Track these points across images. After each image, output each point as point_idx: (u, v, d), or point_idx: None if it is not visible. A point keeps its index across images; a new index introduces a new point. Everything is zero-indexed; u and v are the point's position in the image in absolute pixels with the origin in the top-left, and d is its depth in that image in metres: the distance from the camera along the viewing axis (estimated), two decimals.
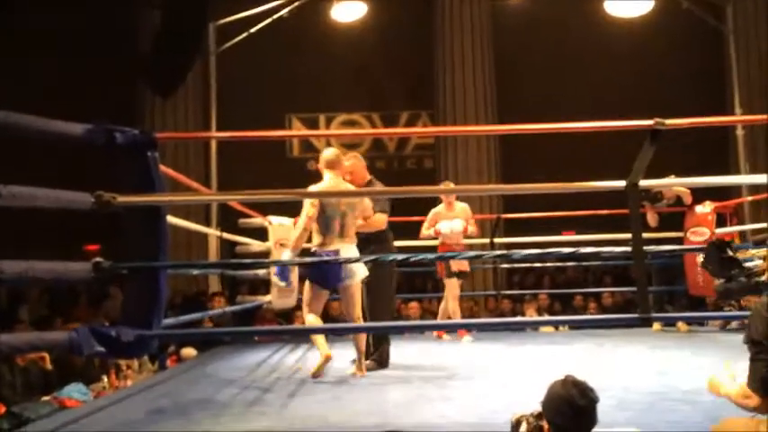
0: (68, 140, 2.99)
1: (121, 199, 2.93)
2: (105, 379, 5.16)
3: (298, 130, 11.81)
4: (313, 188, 4.22)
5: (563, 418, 2.19)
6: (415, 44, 11.34)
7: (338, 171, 4.28)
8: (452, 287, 6.23)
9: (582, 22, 10.36)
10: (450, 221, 6.14)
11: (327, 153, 4.33)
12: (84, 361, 5.06)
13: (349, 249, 4.19)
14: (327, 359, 4.20)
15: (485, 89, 10.61)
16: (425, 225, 6.28)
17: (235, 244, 6.24)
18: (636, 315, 3.16)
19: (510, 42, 10.97)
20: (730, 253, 2.11)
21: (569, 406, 2.17)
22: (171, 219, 4.09)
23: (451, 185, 6.47)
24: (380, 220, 4.54)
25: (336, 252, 4.12)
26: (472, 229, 6.28)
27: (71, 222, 4.89)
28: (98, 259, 2.93)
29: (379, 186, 4.71)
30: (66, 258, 3.07)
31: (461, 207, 6.23)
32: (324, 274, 4.23)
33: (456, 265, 6.07)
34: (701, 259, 3.67)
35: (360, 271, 4.21)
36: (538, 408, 2.27)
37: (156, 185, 3.12)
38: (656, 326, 5.92)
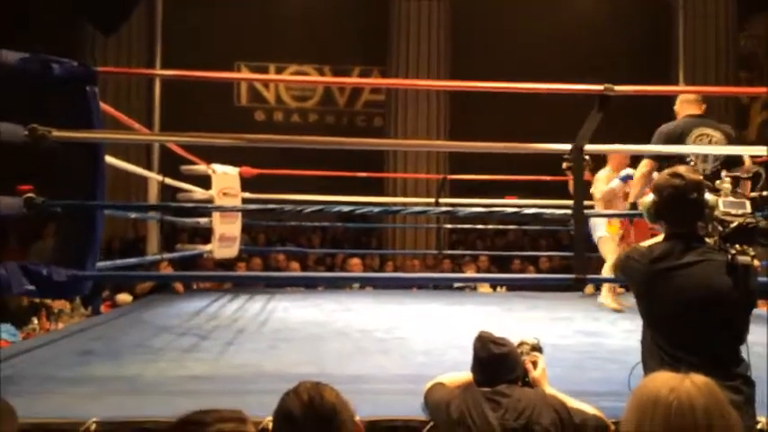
0: (1, 70, 2.84)
1: (57, 133, 2.80)
2: (36, 321, 5.03)
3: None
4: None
5: (473, 371, 2.37)
6: None
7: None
8: None
9: None
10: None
11: None
12: (15, 302, 4.92)
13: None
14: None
15: (438, 48, 10.57)
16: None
17: (176, 191, 6.08)
18: (571, 276, 3.26)
19: (466, 2, 10.92)
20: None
21: (475, 358, 2.35)
22: (110, 159, 3.97)
23: None
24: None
25: None
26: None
27: (2, 162, 4.67)
28: (30, 195, 2.82)
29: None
30: None
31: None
32: None
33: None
34: None
35: (596, 230, 5.07)
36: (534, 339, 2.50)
37: (95, 122, 3.00)
38: (589, 289, 6.09)
